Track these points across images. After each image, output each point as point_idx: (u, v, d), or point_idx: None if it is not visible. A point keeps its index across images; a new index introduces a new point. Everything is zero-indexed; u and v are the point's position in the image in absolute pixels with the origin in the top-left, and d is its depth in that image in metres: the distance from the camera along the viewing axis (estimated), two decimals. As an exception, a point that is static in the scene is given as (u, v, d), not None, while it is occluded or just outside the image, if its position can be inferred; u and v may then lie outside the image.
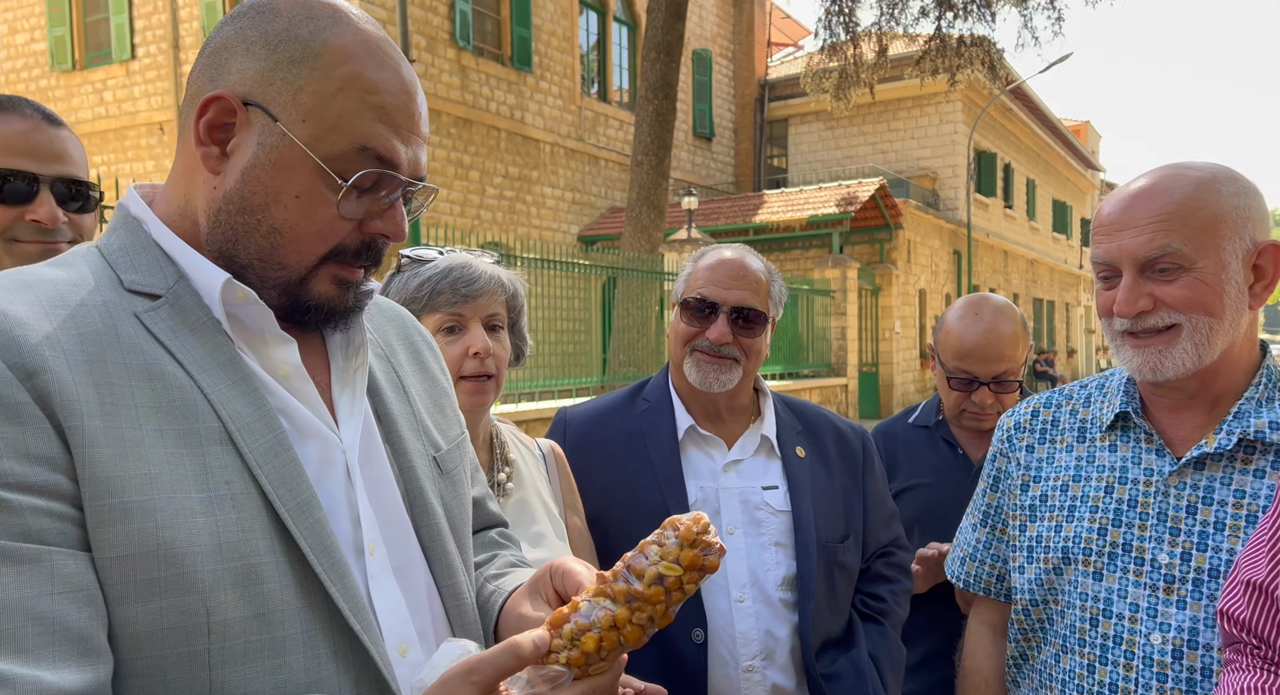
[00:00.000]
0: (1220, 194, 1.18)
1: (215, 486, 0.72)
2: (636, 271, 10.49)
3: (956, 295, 20.84)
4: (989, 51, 14.51)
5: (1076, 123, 33.24)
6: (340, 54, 0.79)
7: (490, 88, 14.72)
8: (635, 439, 1.72)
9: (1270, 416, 1.21)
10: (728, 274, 1.68)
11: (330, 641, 0.75)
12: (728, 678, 1.58)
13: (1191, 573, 1.20)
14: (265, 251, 0.81)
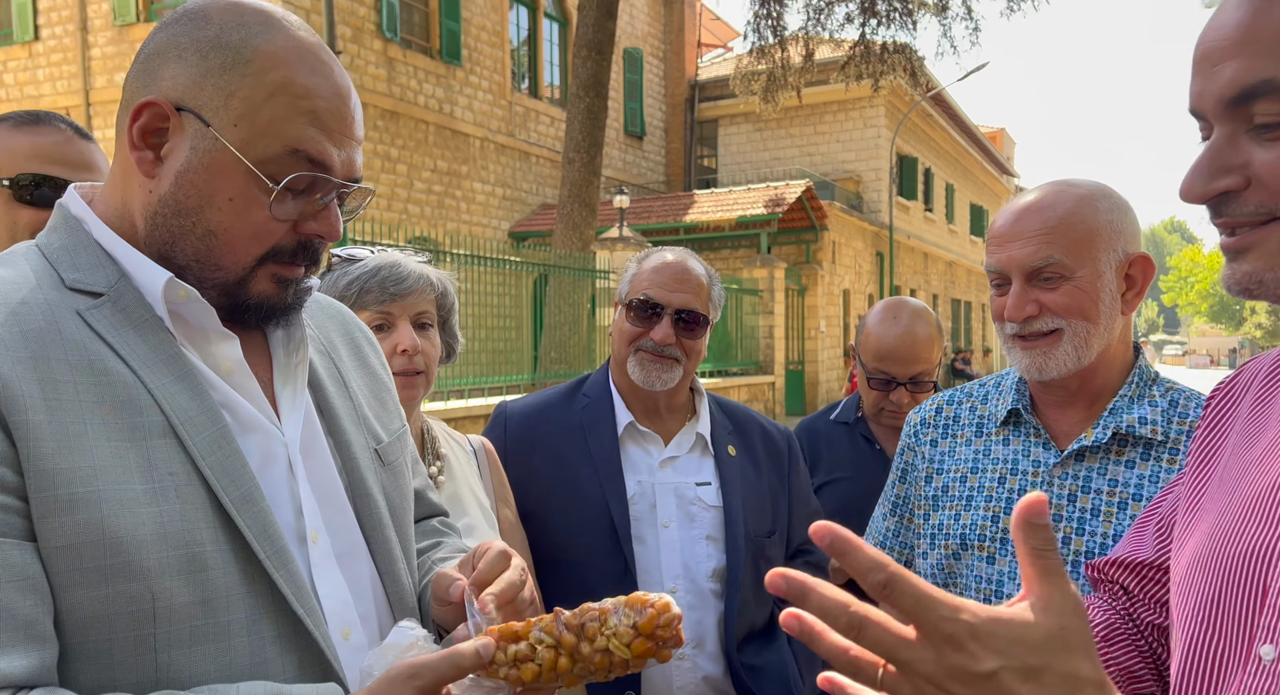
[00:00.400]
0: (1097, 210, 1.29)
1: (159, 478, 0.74)
2: (568, 269, 10.48)
3: (879, 295, 21.46)
4: (910, 59, 14.98)
5: (992, 129, 34.59)
6: (272, 60, 0.81)
7: (418, 81, 14.48)
8: (576, 433, 1.76)
9: (1140, 412, 1.32)
10: (672, 277, 1.73)
11: (274, 626, 0.78)
12: (662, 669, 1.63)
13: (1071, 555, 1.30)
14: (202, 253, 0.83)
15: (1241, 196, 0.68)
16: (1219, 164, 0.69)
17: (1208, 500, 0.83)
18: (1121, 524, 1.28)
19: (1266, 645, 0.69)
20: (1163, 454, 1.30)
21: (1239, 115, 0.67)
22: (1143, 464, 1.30)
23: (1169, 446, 1.31)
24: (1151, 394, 1.35)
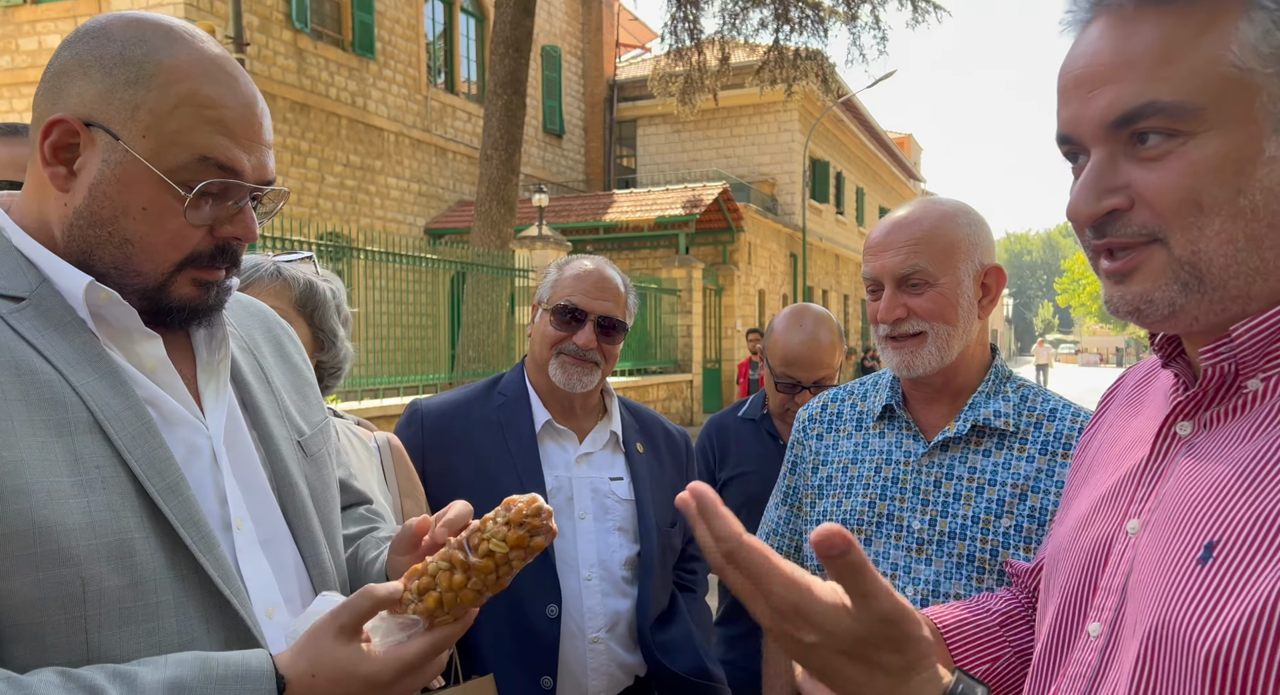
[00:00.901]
0: (958, 225, 1.44)
1: (86, 471, 0.78)
2: (486, 267, 10.40)
3: (793, 296, 21.99)
4: (822, 65, 15.42)
5: (900, 135, 35.86)
6: (175, 73, 0.85)
7: (330, 73, 14.10)
8: (494, 431, 1.82)
9: (994, 406, 1.47)
10: (594, 285, 1.82)
11: (201, 607, 0.82)
12: (576, 649, 1.72)
13: (936, 535, 1.44)
14: (119, 261, 0.86)
15: (1126, 216, 0.70)
16: (1104, 185, 0.71)
17: (1077, 494, 0.90)
18: (978, 506, 1.43)
19: (1094, 623, 0.77)
20: (1014, 443, 1.45)
21: (1118, 138, 0.70)
22: (997, 453, 1.45)
23: (1019, 437, 1.46)
24: (1005, 390, 1.50)
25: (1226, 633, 0.61)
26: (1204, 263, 0.68)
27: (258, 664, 0.78)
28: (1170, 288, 0.69)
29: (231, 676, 0.76)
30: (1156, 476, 0.76)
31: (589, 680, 1.74)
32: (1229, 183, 0.66)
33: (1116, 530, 0.78)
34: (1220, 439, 0.71)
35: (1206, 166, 0.66)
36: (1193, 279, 0.69)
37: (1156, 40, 0.67)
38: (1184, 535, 0.69)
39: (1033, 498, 1.40)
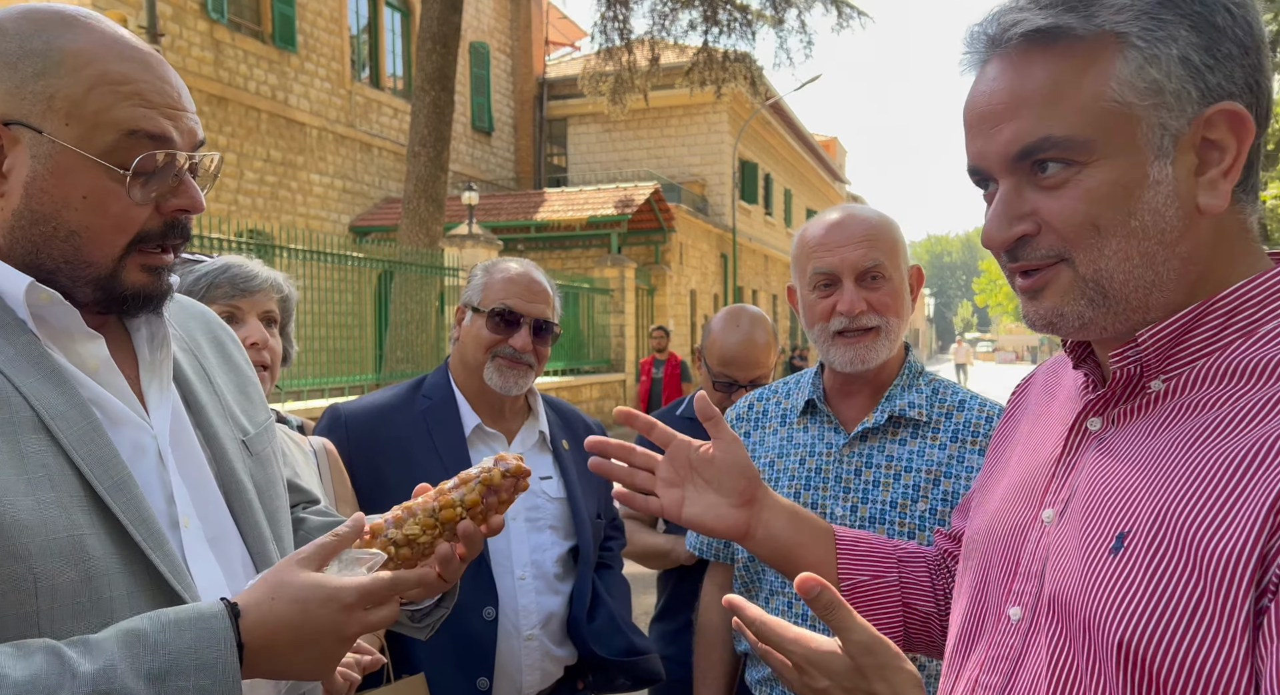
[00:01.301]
0: (892, 227, 1.55)
1: (32, 469, 0.78)
2: (415, 266, 10.21)
3: (724, 296, 22.25)
4: (750, 68, 15.64)
5: (826, 138, 36.63)
6: (81, 57, 0.84)
7: (249, 66, 13.63)
8: (422, 435, 1.82)
9: (909, 399, 1.56)
10: (527, 288, 1.84)
11: (152, 601, 0.83)
12: (511, 648, 1.74)
13: (857, 521, 1.51)
14: (69, 254, 0.86)
15: (1035, 241, 0.77)
16: (1013, 213, 0.77)
17: (994, 482, 0.96)
18: (896, 492, 1.50)
19: (1015, 607, 0.82)
20: (927, 433, 1.54)
21: (1021, 168, 0.76)
22: (912, 442, 1.53)
23: (932, 426, 1.54)
24: (918, 384, 1.59)
25: (1138, 619, 0.66)
26: (1105, 279, 0.74)
27: (209, 605, 0.80)
28: (1078, 303, 0.76)
29: (186, 620, 0.77)
30: (1069, 468, 0.81)
31: (523, 677, 1.76)
32: (1120, 206, 0.73)
33: (1033, 519, 0.83)
34: (1127, 435, 0.77)
35: (1100, 192, 0.73)
36: (1097, 294, 0.75)
37: (1046, 79, 0.74)
38: (1097, 525, 0.74)
39: (945, 482, 1.49)
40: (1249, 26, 0.72)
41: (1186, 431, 0.72)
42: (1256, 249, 0.77)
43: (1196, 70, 0.71)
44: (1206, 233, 0.74)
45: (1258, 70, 0.73)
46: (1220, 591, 0.63)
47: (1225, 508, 0.65)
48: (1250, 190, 0.76)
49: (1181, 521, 0.67)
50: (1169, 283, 0.74)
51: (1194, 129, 0.72)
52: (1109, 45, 0.72)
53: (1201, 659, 0.63)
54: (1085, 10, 0.72)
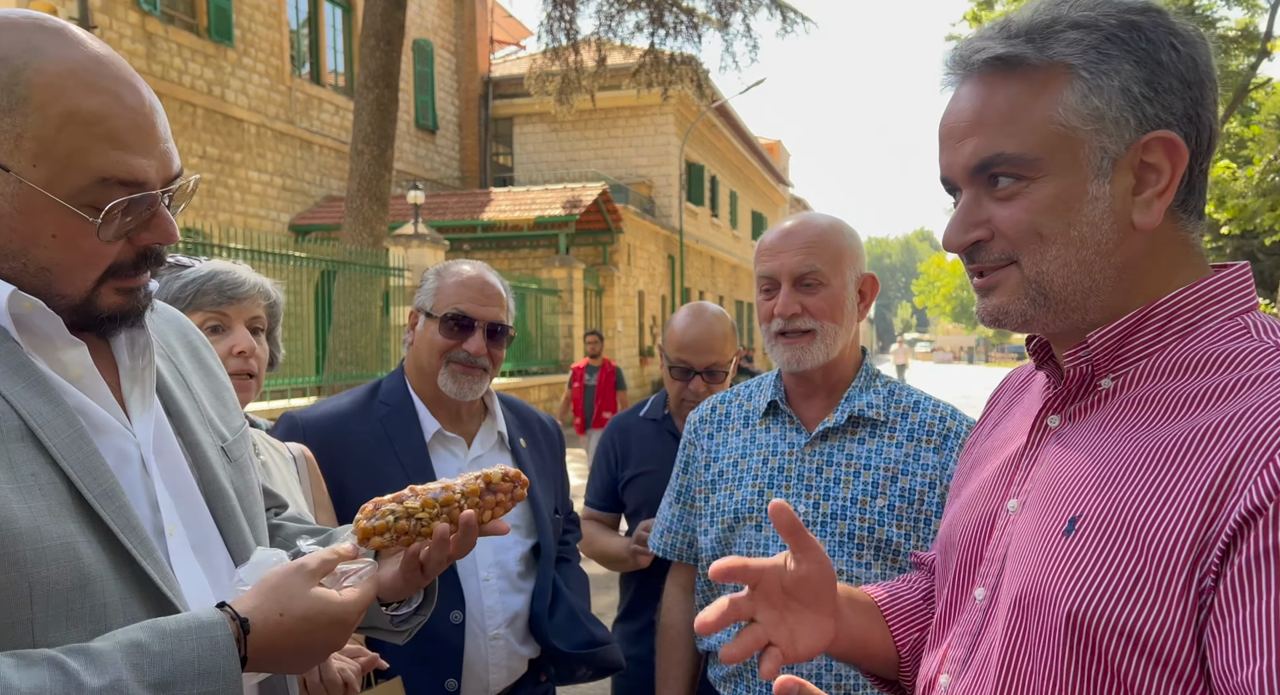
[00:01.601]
0: (843, 235, 1.60)
1: (22, 478, 0.78)
2: (358, 265, 10.03)
3: (671, 297, 22.36)
4: (696, 71, 15.76)
5: (770, 141, 37.07)
6: (50, 91, 0.78)
7: (183, 60, 13.22)
8: (382, 443, 1.80)
9: (867, 399, 1.63)
10: (480, 291, 1.82)
11: (144, 607, 0.83)
12: (478, 648, 1.75)
13: (820, 517, 1.57)
14: (41, 287, 0.84)
15: (988, 245, 0.86)
16: (969, 220, 0.86)
17: (969, 478, 1.04)
18: (855, 488, 1.56)
19: (980, 588, 0.89)
20: (884, 432, 1.60)
21: (979, 181, 0.85)
22: (870, 440, 1.60)
23: (889, 425, 1.61)
24: (875, 385, 1.66)
25: (1083, 594, 0.73)
26: (1047, 282, 0.83)
27: (208, 614, 0.81)
28: (1022, 301, 0.85)
29: (186, 630, 0.78)
30: (1032, 462, 0.89)
31: (490, 675, 1.76)
32: (1062, 217, 0.81)
33: (999, 508, 0.91)
34: (1081, 430, 0.85)
35: (1044, 204, 0.82)
36: (1039, 295, 0.84)
37: (1004, 102, 0.83)
38: (1052, 511, 0.81)
39: (902, 479, 1.55)
40: (1193, 63, 0.80)
41: (1131, 424, 0.80)
42: (1197, 260, 0.85)
43: (1136, 101, 0.79)
44: (1141, 245, 0.82)
45: (1199, 103, 0.81)
46: (1160, 567, 0.70)
47: (1164, 492, 0.72)
48: (1192, 210, 0.84)
49: (1126, 505, 0.74)
50: (1105, 288, 0.83)
51: (1131, 153, 0.80)
52: (1060, 75, 0.81)
53: (1142, 628, 0.70)
54: (1041, 42, 0.81)
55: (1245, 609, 0.65)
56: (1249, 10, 18.29)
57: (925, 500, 1.53)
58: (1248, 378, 0.74)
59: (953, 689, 0.88)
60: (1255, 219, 15.41)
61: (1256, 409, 0.71)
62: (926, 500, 1.53)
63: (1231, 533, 0.67)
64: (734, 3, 14.75)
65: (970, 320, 75.68)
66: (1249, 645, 0.64)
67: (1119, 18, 0.80)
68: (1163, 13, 0.82)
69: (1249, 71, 17.74)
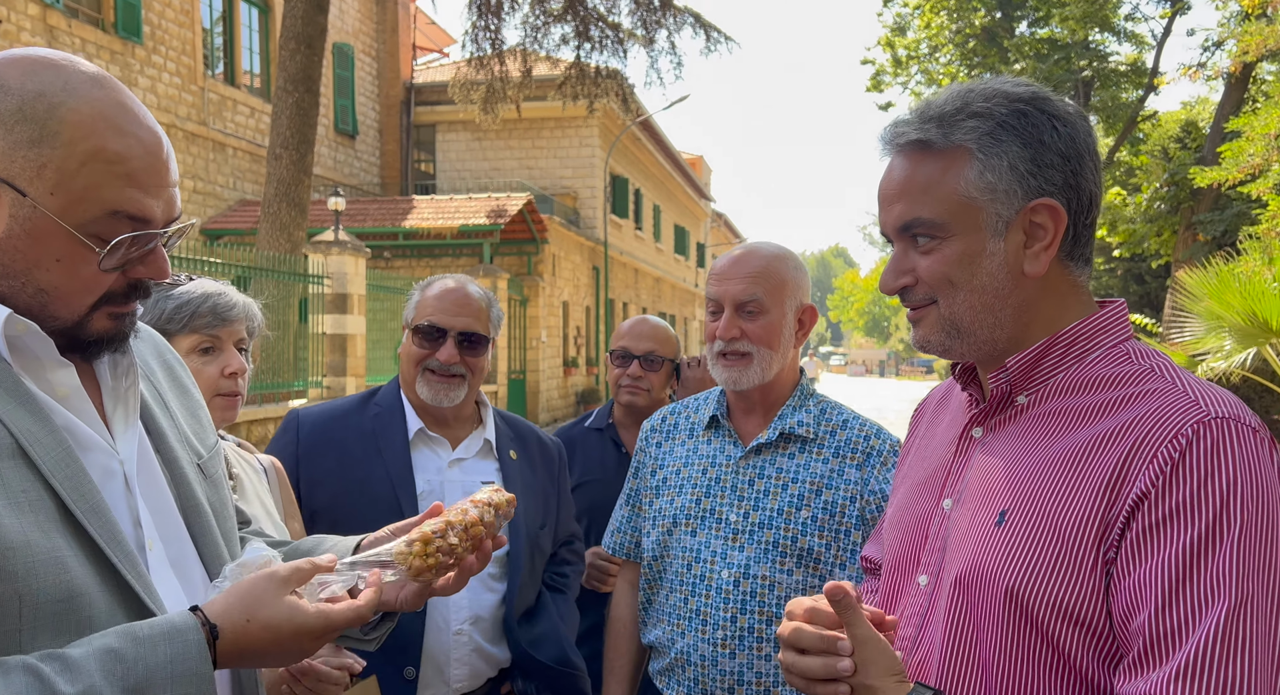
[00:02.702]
0: (788, 266, 1.73)
1: (13, 493, 0.80)
2: (275, 272, 9.75)
3: (596, 308, 22.42)
4: (622, 85, 15.92)
5: (693, 156, 37.64)
6: (79, 130, 0.84)
7: (88, 55, 12.61)
8: (367, 438, 1.88)
9: (798, 417, 1.75)
10: (454, 303, 1.90)
11: (128, 615, 0.86)
12: (440, 641, 1.78)
13: (749, 526, 1.68)
14: (35, 308, 0.88)
15: (914, 290, 1.04)
16: (899, 268, 1.05)
17: (902, 484, 1.21)
18: (783, 500, 1.67)
19: (923, 575, 1.06)
20: (813, 448, 1.72)
21: (905, 238, 1.04)
22: (800, 455, 1.72)
23: (817, 442, 1.73)
24: (808, 404, 1.77)
25: (1017, 574, 0.91)
26: (958, 319, 1.02)
27: (180, 618, 0.83)
28: (940, 334, 1.04)
29: (159, 635, 0.81)
30: (961, 467, 1.07)
31: (451, 670, 1.80)
32: (967, 269, 1.00)
33: (934, 507, 1.08)
34: (1002, 438, 1.03)
35: (954, 259, 1.01)
36: (954, 329, 1.03)
37: (922, 175, 1.02)
38: (985, 507, 0.98)
39: (826, 493, 1.66)
40: (1072, 140, 0.99)
41: (1043, 432, 0.98)
42: (1085, 298, 1.04)
43: (1022, 175, 0.98)
44: (1034, 289, 1.01)
45: (1077, 174, 0.99)
46: (1074, 549, 0.88)
47: (1072, 487, 0.91)
48: (1078, 258, 1.03)
49: (1044, 499, 0.93)
50: (1006, 323, 1.02)
51: (1021, 216, 0.99)
52: (961, 155, 1.00)
53: (1065, 599, 0.88)
54: (947, 129, 1.00)
55: (1137, 570, 0.84)
56: (1137, 47, 19.63)
57: (846, 513, 1.63)
58: (1131, 394, 0.94)
59: (908, 662, 1.03)
60: (1143, 243, 16.51)
61: (1140, 418, 0.90)
62: (847, 513, 1.63)
63: (1127, 514, 0.85)
64: (659, 20, 14.99)
65: (881, 334, 78.21)
66: (1140, 595, 0.83)
67: (1010, 106, 0.99)
68: (1048, 100, 1.00)
69: (1137, 104, 19.00)
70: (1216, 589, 0.80)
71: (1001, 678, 0.92)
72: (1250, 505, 0.82)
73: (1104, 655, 0.88)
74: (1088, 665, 0.88)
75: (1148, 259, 17.55)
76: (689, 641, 1.66)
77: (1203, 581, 0.80)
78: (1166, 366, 0.97)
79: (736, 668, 1.62)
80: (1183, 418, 0.88)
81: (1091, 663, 0.88)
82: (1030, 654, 0.90)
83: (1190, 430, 0.86)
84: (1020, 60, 19.10)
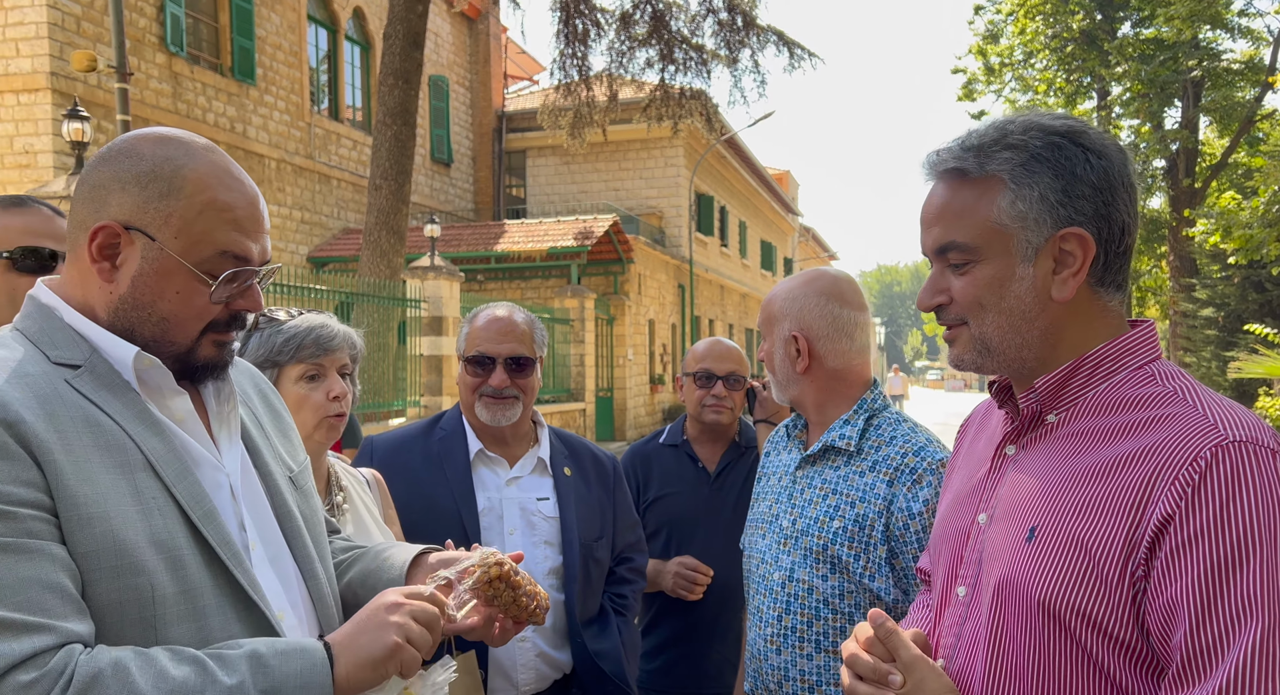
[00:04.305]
0: (774, 301, 1.86)
1: (145, 501, 0.97)
2: (376, 297, 10.26)
3: (682, 325, 22.53)
4: (706, 105, 16.07)
5: (779, 171, 37.40)
6: (198, 185, 1.04)
7: (208, 98, 13.63)
8: (433, 461, 2.04)
9: (843, 431, 1.81)
10: (498, 331, 2.05)
11: (235, 608, 1.02)
12: (506, 647, 1.90)
13: (795, 532, 1.77)
14: (158, 334, 1.05)
15: (948, 309, 1.10)
16: (935, 287, 1.11)
17: (945, 496, 1.27)
18: (820, 510, 1.76)
19: (961, 586, 1.12)
20: (855, 461, 1.77)
21: (942, 259, 1.10)
22: (843, 468, 1.79)
23: (861, 456, 1.78)
24: (856, 420, 1.82)
25: (1048, 587, 0.97)
26: (987, 339, 1.08)
27: (309, 642, 1.00)
28: (973, 352, 1.10)
29: (292, 650, 0.98)
30: (995, 483, 1.12)
31: (518, 674, 1.94)
32: (996, 292, 1.06)
33: (971, 522, 1.13)
34: (1033, 456, 1.07)
35: (985, 282, 1.07)
36: (984, 348, 1.09)
37: (958, 201, 1.08)
38: (1016, 523, 1.04)
39: (859, 506, 1.71)
40: (1104, 173, 1.04)
41: (1070, 451, 1.03)
42: (1116, 321, 1.08)
43: (1052, 206, 1.03)
44: (1060, 313, 1.06)
45: (1109, 204, 1.04)
46: (1100, 565, 0.93)
47: (1094, 507, 0.96)
48: (1110, 284, 1.07)
49: (1068, 517, 0.98)
50: (1034, 344, 1.07)
51: (1050, 243, 1.04)
52: (995, 184, 1.06)
53: (1093, 611, 0.93)
54: (983, 159, 1.06)
55: (1170, 588, 0.88)
56: (1254, 43, 18.52)
57: (875, 527, 1.67)
58: (1154, 416, 0.98)
59: (950, 670, 1.09)
60: (1262, 249, 15.49)
61: (1161, 442, 0.95)
62: (876, 527, 1.67)
63: (1153, 534, 0.90)
64: (742, 40, 15.09)
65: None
66: (1175, 614, 0.88)
67: (1044, 139, 1.04)
68: (1084, 133, 1.04)
69: (1254, 103, 17.91)
70: (1247, 608, 0.84)
71: (1041, 685, 0.97)
72: (1273, 526, 0.86)
73: (1136, 664, 0.92)
74: (1120, 674, 0.93)
75: (1267, 265, 16.45)
76: (751, 637, 1.81)
77: (1233, 600, 0.85)
78: (1189, 388, 1.00)
79: (783, 664, 1.71)
80: (1202, 441, 0.91)
81: (1124, 671, 0.92)
82: (1067, 663, 0.95)
83: (1209, 453, 0.90)
84: (1122, 62, 18.28)
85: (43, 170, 11.12)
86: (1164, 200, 19.13)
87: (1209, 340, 17.17)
